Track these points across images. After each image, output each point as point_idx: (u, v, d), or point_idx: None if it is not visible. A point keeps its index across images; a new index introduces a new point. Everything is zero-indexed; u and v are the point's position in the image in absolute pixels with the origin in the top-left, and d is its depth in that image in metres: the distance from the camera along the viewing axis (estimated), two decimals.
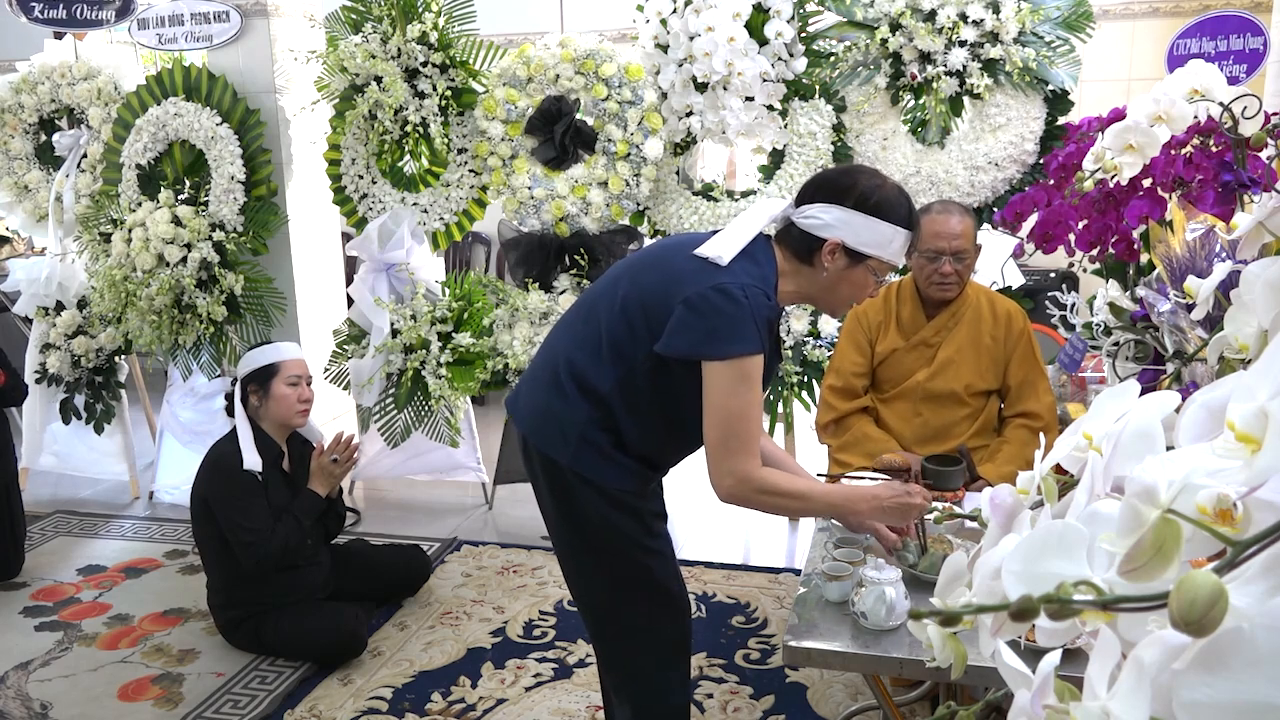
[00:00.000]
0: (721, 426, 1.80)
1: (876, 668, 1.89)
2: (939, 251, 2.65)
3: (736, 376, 1.78)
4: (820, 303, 1.95)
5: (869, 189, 1.84)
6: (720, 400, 1.79)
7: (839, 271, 1.85)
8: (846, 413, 2.78)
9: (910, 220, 1.87)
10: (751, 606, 3.21)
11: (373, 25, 3.77)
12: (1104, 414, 0.71)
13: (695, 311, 1.78)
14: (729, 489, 1.84)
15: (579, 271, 3.79)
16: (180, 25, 4.09)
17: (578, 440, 1.90)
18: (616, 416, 1.89)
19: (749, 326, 1.77)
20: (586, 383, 1.89)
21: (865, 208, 1.82)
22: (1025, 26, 3.30)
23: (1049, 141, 3.39)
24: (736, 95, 3.49)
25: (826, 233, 1.83)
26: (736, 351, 1.77)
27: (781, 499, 1.88)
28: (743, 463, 1.81)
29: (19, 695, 2.81)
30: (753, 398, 1.80)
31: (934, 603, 0.72)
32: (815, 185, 1.88)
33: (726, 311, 1.77)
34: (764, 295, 1.81)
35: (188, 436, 4.22)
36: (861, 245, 1.83)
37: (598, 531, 1.96)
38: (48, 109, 4.37)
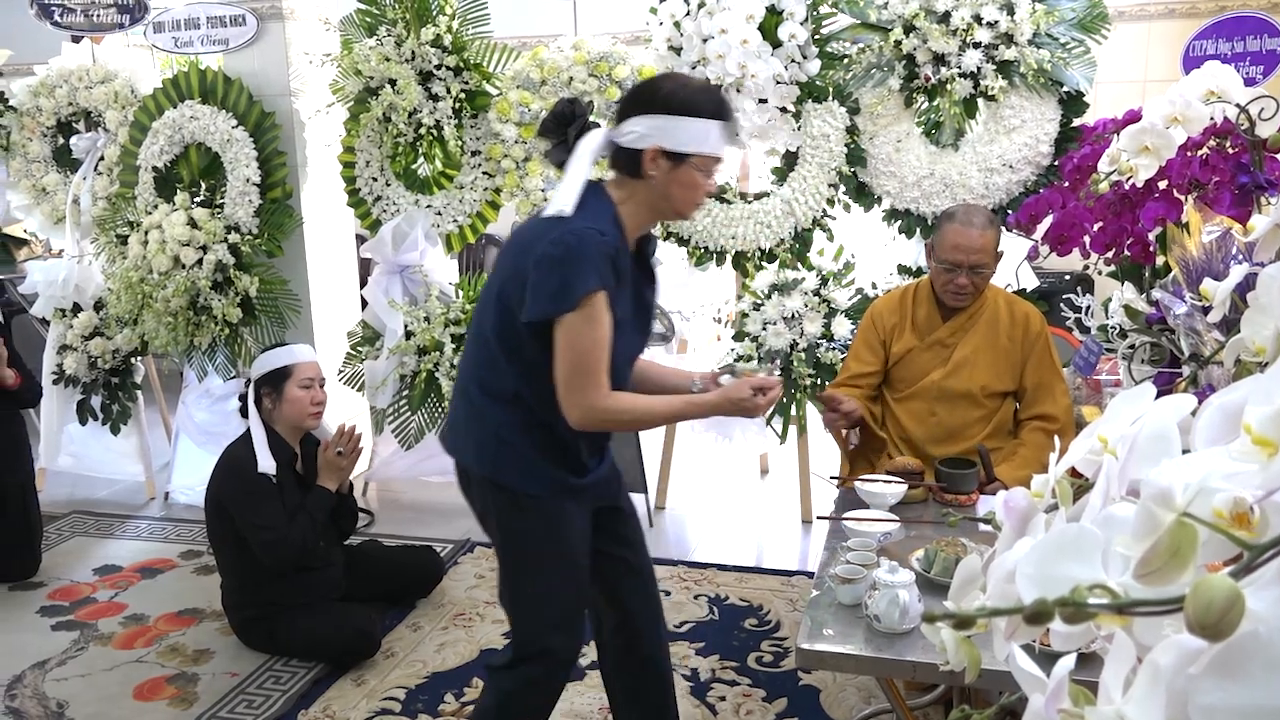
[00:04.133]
0: (568, 366, 1.86)
1: (889, 671, 1.88)
2: (956, 264, 2.63)
3: (582, 318, 1.84)
4: (663, 212, 1.98)
5: (673, 90, 1.89)
6: (568, 342, 1.86)
7: (666, 176, 1.89)
8: None
9: (720, 111, 1.90)
10: (764, 609, 3.20)
11: (387, 28, 3.79)
12: (1119, 417, 0.71)
13: (540, 269, 1.84)
14: (578, 419, 1.90)
15: None
16: (196, 29, 4.12)
17: (495, 444, 1.97)
18: (536, 410, 1.93)
19: (583, 265, 1.82)
20: (493, 390, 1.96)
21: (673, 109, 1.87)
22: (1040, 28, 3.28)
23: (1064, 143, 3.37)
24: (750, 97, 3.49)
25: (644, 143, 1.87)
26: (579, 293, 1.82)
27: (630, 420, 1.98)
28: (590, 395, 1.87)
29: (36, 694, 2.83)
30: (598, 335, 1.86)
31: (948, 606, 0.72)
32: (626, 102, 1.94)
33: (562, 258, 1.83)
34: (597, 233, 1.85)
35: (203, 438, 4.24)
36: (679, 145, 1.87)
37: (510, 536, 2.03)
38: (65, 112, 4.40)
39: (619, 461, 3.94)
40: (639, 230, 1.99)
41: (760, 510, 4.14)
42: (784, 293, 3.65)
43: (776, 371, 2.03)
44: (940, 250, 2.67)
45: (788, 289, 3.66)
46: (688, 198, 1.94)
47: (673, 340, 3.94)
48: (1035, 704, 0.59)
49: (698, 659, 2.91)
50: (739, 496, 4.27)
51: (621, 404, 1.92)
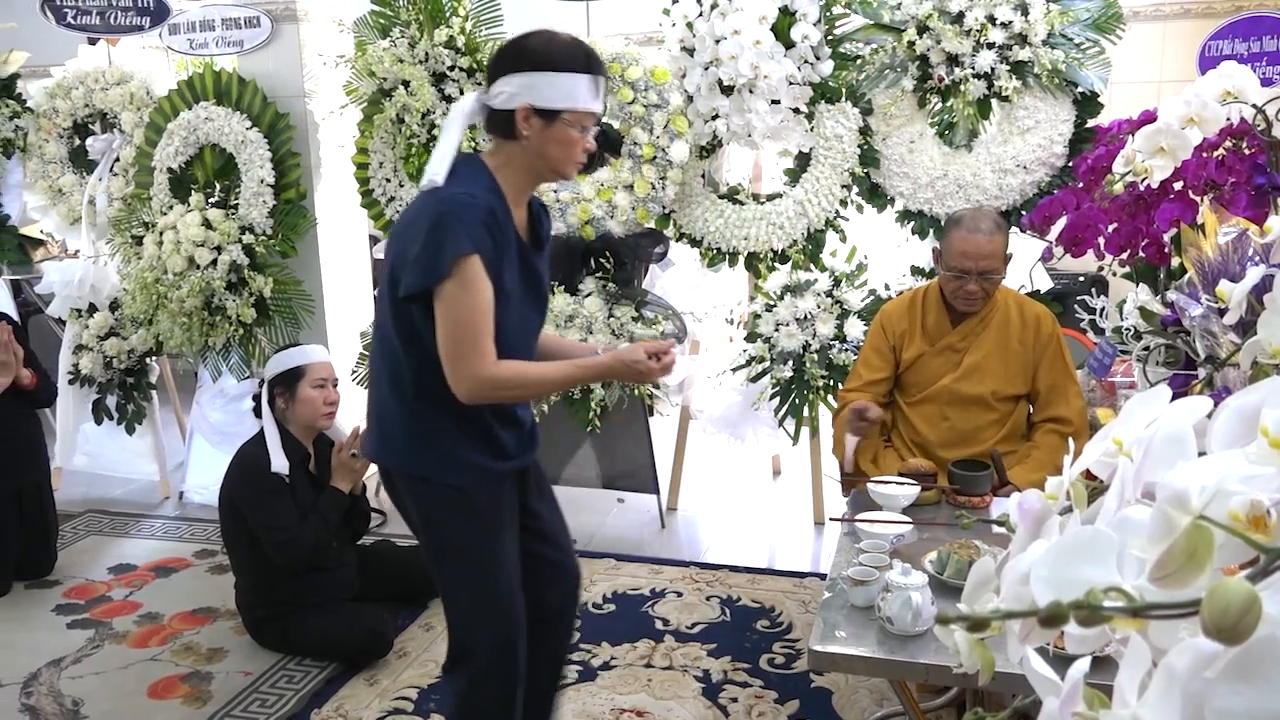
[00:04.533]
0: (449, 336, 1.83)
1: (902, 673, 1.88)
2: (965, 271, 2.61)
3: (458, 284, 1.80)
4: (542, 173, 1.94)
5: (538, 47, 1.86)
6: (445, 312, 1.82)
7: (540, 134, 1.86)
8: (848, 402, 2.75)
9: (589, 65, 1.87)
10: (776, 611, 3.20)
11: (400, 30, 3.80)
12: (1135, 419, 0.70)
13: (414, 241, 1.82)
14: (467, 392, 1.86)
15: (604, 274, 3.79)
16: (211, 30, 4.14)
17: (409, 438, 1.95)
18: (443, 396, 1.88)
19: (453, 230, 1.79)
20: (400, 383, 1.94)
21: (541, 66, 1.84)
22: (1054, 28, 3.27)
23: (1078, 144, 3.36)
24: (762, 98, 3.49)
25: (515, 102, 1.84)
26: (449, 257, 1.78)
27: (520, 388, 1.92)
28: (474, 365, 1.83)
29: (51, 692, 2.85)
30: (476, 301, 1.81)
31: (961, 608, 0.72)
32: (494, 63, 1.90)
33: (432, 226, 1.80)
34: (467, 196, 1.82)
35: (217, 437, 4.26)
36: (549, 102, 1.84)
37: (436, 531, 2.01)
38: (82, 114, 4.43)
39: (631, 464, 3.97)
40: (521, 195, 1.95)
41: (772, 512, 4.13)
42: (796, 294, 3.65)
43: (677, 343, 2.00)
44: (948, 257, 2.65)
45: (800, 290, 3.65)
46: (565, 155, 1.90)
47: (685, 342, 3.94)
48: (1050, 707, 0.59)
49: (709, 660, 2.90)
50: (751, 498, 4.27)
51: (509, 372, 1.87)
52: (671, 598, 3.30)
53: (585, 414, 3.79)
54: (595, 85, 1.88)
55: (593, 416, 3.77)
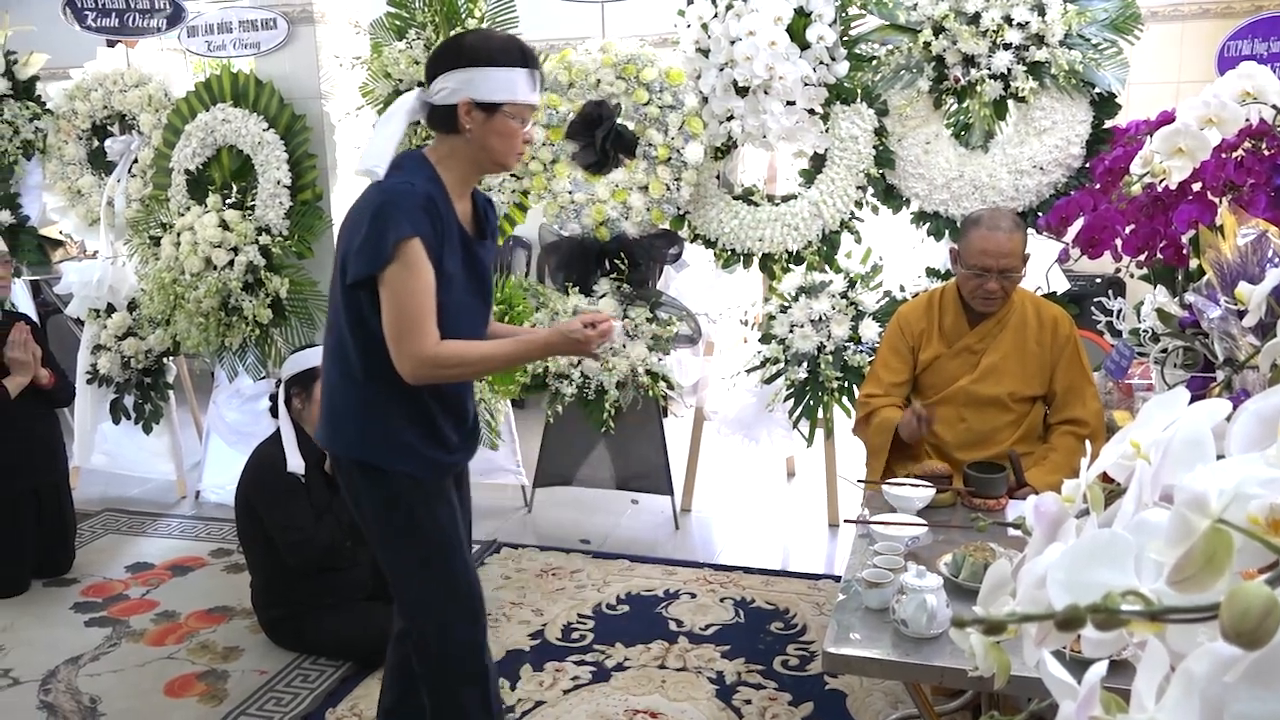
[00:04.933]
0: (392, 318, 1.88)
1: (917, 676, 1.87)
2: (985, 269, 2.61)
3: (399, 267, 1.86)
4: (484, 165, 2.01)
5: (475, 44, 1.95)
6: (389, 295, 1.88)
7: (481, 127, 1.94)
8: (877, 407, 2.75)
9: (525, 60, 1.95)
10: (790, 612, 3.19)
11: (416, 31, 3.81)
12: (1152, 422, 0.70)
13: (357, 230, 1.89)
14: (411, 372, 1.91)
15: (619, 275, 3.80)
16: (229, 33, 4.16)
17: (357, 424, 2.00)
18: (392, 382, 1.93)
19: (393, 215, 1.86)
20: (350, 371, 1.99)
21: (479, 61, 1.92)
22: (1071, 29, 3.26)
23: (1095, 145, 3.34)
24: (777, 99, 3.49)
25: (456, 97, 1.92)
26: (391, 241, 1.85)
27: (464, 367, 1.96)
28: (417, 344, 1.88)
29: (69, 689, 2.87)
30: (416, 284, 1.87)
31: (977, 611, 0.71)
32: (432, 61, 1.98)
33: (374, 214, 1.87)
34: (407, 184, 1.90)
35: (233, 437, 4.29)
36: (489, 95, 1.92)
37: (383, 519, 2.04)
38: (100, 115, 4.46)
39: (645, 465, 3.96)
40: (463, 186, 2.02)
41: (786, 513, 4.12)
42: (811, 295, 3.64)
43: (616, 322, 2.07)
44: (968, 256, 2.64)
45: (815, 291, 3.65)
46: (506, 146, 1.97)
47: (700, 343, 3.94)
48: (1066, 711, 0.59)
49: (723, 662, 2.90)
50: (765, 499, 4.26)
51: (452, 350, 1.92)
52: (685, 599, 3.30)
53: (600, 415, 3.80)
54: (532, 79, 1.96)
55: (607, 418, 3.78)
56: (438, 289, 1.91)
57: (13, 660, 3.04)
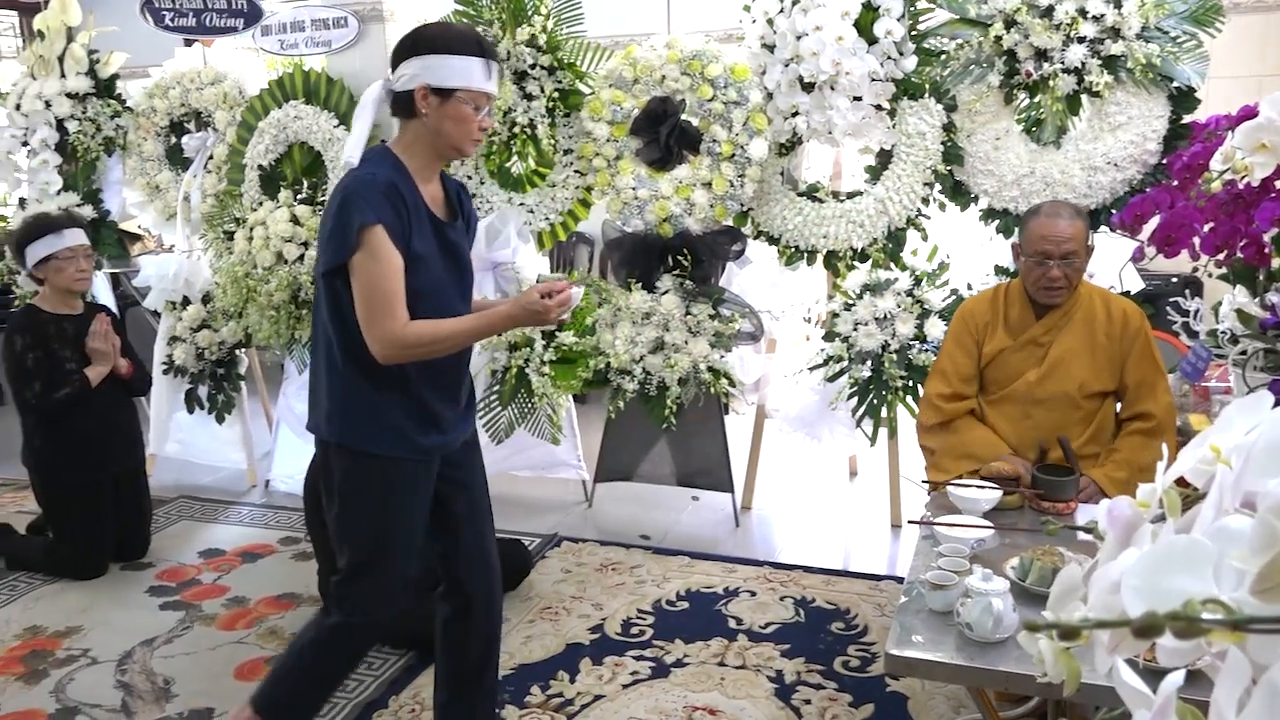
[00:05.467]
0: (362, 302, 1.99)
1: (983, 681, 1.85)
2: (1046, 255, 2.57)
3: (365, 254, 1.97)
4: (443, 150, 2.10)
5: (433, 33, 2.07)
6: (358, 280, 1.98)
7: (437, 111, 2.04)
8: (953, 416, 2.72)
9: (481, 49, 2.06)
10: (851, 613, 3.16)
11: (483, 29, 3.85)
12: (1233, 426, 0.68)
13: (326, 222, 2.02)
14: (381, 353, 2.00)
15: (681, 272, 3.79)
16: (301, 31, 4.24)
17: (342, 406, 2.09)
18: (367, 364, 2.02)
19: (357, 205, 1.96)
20: (332, 356, 2.08)
21: (436, 49, 2.03)
22: (1149, 21, 3.17)
23: (1173, 141, 3.25)
24: (844, 95, 3.45)
25: (414, 83, 2.03)
26: (355, 229, 1.95)
27: (432, 343, 2.04)
28: (385, 327, 1.98)
29: (144, 670, 2.96)
30: (382, 269, 1.97)
31: (1047, 616, 0.70)
32: (395, 51, 2.08)
33: (339, 205, 1.99)
34: (369, 174, 2.01)
35: (302, 428, 4.37)
36: (444, 81, 2.02)
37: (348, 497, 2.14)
38: (178, 113, 4.58)
39: (706, 462, 3.96)
40: (427, 171, 2.11)
41: (848, 513, 4.09)
42: (876, 293, 3.60)
43: (575, 288, 2.16)
44: (1029, 244, 2.61)
45: (880, 289, 3.61)
46: (461, 132, 2.06)
47: (762, 340, 3.92)
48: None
49: (783, 661, 2.89)
50: (827, 498, 4.23)
51: (419, 330, 2.00)
52: (745, 597, 3.29)
53: (661, 411, 3.80)
54: (487, 68, 2.06)
55: (668, 414, 3.78)
56: (409, 272, 2.01)
57: (92, 640, 3.15)
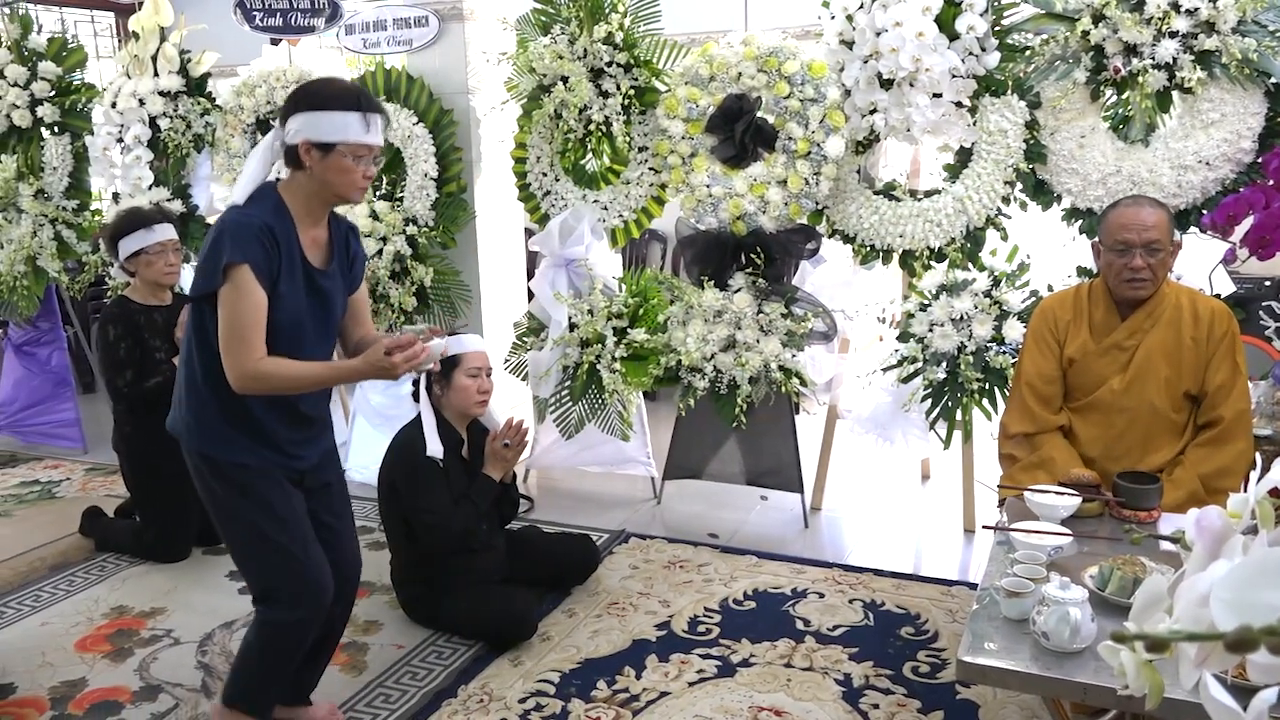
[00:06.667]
0: (223, 332, 2.14)
1: (1059, 691, 1.81)
2: (1128, 244, 2.49)
3: (230, 288, 2.13)
4: (327, 197, 2.24)
5: (313, 91, 2.21)
6: (221, 312, 2.14)
7: (320, 164, 2.18)
8: (1041, 430, 2.66)
9: (358, 104, 2.18)
10: (922, 618, 3.11)
11: (561, 27, 3.87)
12: None
13: (201, 253, 2.18)
14: (234, 381, 2.16)
15: (754, 270, 3.77)
16: (383, 30, 4.32)
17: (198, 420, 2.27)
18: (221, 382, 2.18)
19: (227, 243, 2.12)
20: (193, 375, 2.26)
21: (314, 106, 2.17)
22: (1246, 14, 3.06)
23: (1269, 139, 3.13)
24: (923, 92, 3.39)
25: (298, 138, 2.17)
26: (221, 265, 2.11)
27: (281, 380, 2.19)
28: (241, 358, 2.13)
29: (223, 652, 3.05)
30: (243, 305, 2.12)
31: (1129, 626, 0.68)
32: (284, 105, 2.23)
33: (213, 240, 2.15)
34: (245, 215, 2.15)
35: (377, 420, 4.46)
36: (324, 136, 2.16)
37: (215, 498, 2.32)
38: (264, 110, 4.69)
39: (776, 461, 3.94)
40: (310, 216, 2.25)
41: (920, 517, 4.03)
42: (953, 294, 3.54)
43: (435, 341, 2.29)
44: (1109, 235, 2.54)
45: (957, 290, 3.54)
46: (344, 181, 2.20)
47: (834, 339, 3.88)
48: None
49: (851, 664, 2.86)
50: (898, 501, 4.18)
51: (272, 366, 2.16)
52: (813, 598, 3.26)
53: (731, 410, 3.79)
54: (365, 121, 2.19)
55: (739, 413, 3.76)
56: (271, 308, 2.16)
57: (174, 622, 3.25)
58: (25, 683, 2.90)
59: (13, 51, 4.89)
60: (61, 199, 5.02)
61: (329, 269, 2.32)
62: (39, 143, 5.03)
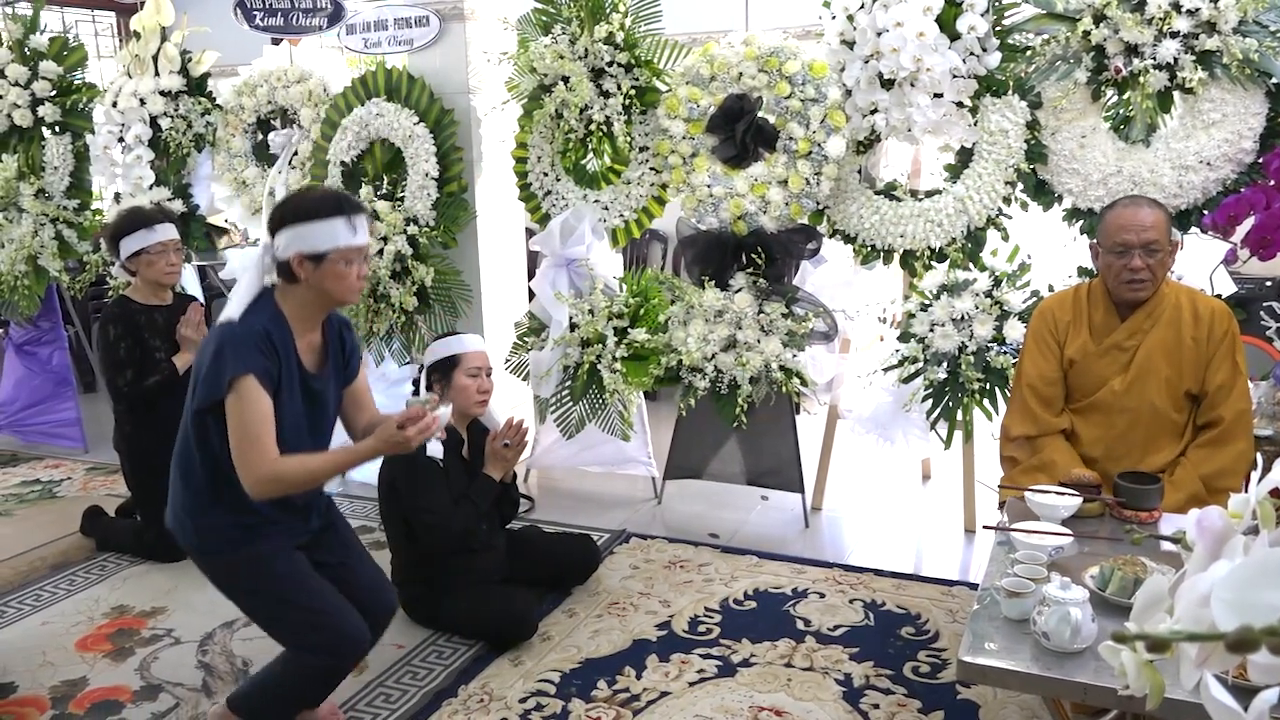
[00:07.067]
0: (236, 443, 2.18)
1: (1060, 691, 1.81)
2: (1127, 245, 2.49)
3: (235, 398, 2.17)
4: (325, 303, 2.31)
5: (293, 205, 2.26)
6: (230, 423, 2.18)
7: (315, 274, 2.24)
8: (1043, 433, 2.65)
9: (341, 208, 2.23)
10: (922, 618, 3.11)
11: (562, 27, 3.87)
12: None
13: (203, 365, 2.22)
14: (252, 486, 2.19)
15: (755, 270, 3.77)
16: (384, 30, 4.32)
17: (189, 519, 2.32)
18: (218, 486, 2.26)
19: (230, 355, 2.17)
20: (189, 477, 2.31)
21: (300, 219, 2.22)
22: (1247, 14, 3.05)
23: (1269, 139, 3.13)
24: (924, 92, 3.39)
25: (288, 252, 2.22)
26: (226, 377, 2.16)
27: (299, 477, 2.24)
28: (256, 464, 2.17)
29: (224, 651, 3.05)
30: (251, 414, 2.17)
31: (1130, 627, 0.68)
32: (269, 222, 2.28)
33: (216, 352, 2.19)
34: (245, 327, 2.20)
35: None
36: (314, 247, 2.22)
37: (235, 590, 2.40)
38: (265, 110, 4.70)
39: (776, 461, 3.94)
40: (307, 323, 2.32)
41: (921, 517, 4.03)
42: (954, 294, 3.54)
43: (442, 408, 2.36)
44: (1107, 236, 2.53)
45: (958, 290, 3.54)
46: (341, 287, 2.27)
47: (835, 339, 3.88)
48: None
49: (851, 664, 2.86)
50: (899, 501, 4.18)
51: (288, 466, 2.21)
52: (814, 598, 3.26)
53: (732, 410, 3.79)
54: (351, 224, 2.24)
55: (739, 412, 3.76)
56: (275, 411, 2.21)
57: (175, 621, 3.25)
58: (26, 682, 2.90)
59: (14, 51, 4.90)
60: (62, 198, 5.02)
61: (323, 372, 2.39)
62: (40, 142, 5.03)
